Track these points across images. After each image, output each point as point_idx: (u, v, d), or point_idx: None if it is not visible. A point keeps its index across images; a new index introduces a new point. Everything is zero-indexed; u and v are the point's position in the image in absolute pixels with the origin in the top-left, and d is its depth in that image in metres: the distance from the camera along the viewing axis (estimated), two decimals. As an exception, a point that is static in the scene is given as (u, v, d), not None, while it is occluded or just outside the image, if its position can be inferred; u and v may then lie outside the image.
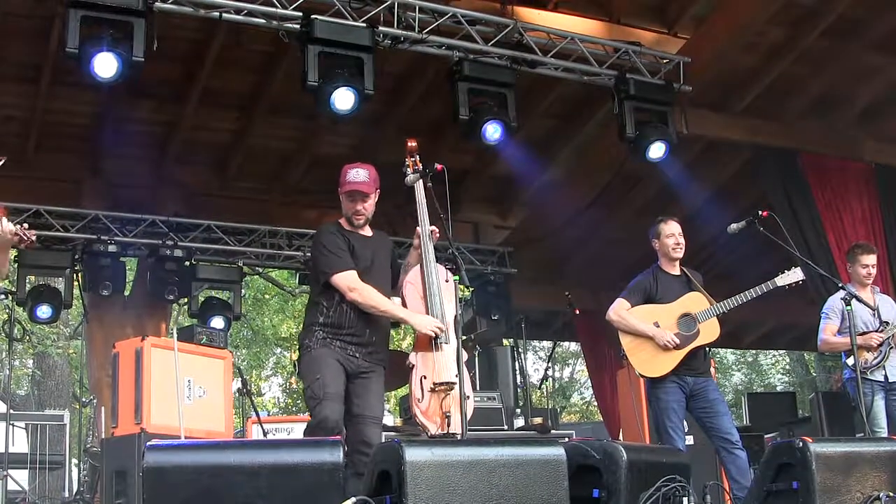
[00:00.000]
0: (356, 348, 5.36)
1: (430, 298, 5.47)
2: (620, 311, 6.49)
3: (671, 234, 6.57)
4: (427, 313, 5.45)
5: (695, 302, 6.47)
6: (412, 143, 5.68)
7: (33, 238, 4.78)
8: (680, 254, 6.59)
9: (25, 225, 4.77)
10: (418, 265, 5.58)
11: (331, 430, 5.01)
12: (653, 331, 6.37)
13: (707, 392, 6.41)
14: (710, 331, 6.41)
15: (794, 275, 6.52)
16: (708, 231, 10.62)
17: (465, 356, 5.37)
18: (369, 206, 5.58)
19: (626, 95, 9.06)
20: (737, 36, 9.32)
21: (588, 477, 4.78)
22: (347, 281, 5.29)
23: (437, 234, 5.62)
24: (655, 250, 6.67)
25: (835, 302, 7.33)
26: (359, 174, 5.52)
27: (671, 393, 6.36)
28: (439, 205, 5.52)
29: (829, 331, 7.40)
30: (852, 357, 6.76)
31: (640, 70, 9.24)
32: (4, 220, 4.69)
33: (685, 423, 6.53)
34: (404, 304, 5.56)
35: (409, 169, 5.64)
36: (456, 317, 5.49)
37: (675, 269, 6.62)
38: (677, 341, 6.32)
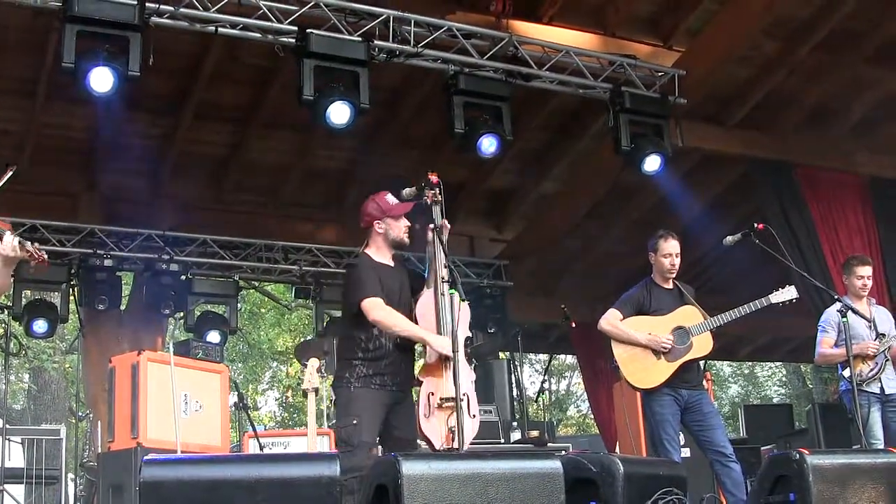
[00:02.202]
0: (392, 380, 5.49)
1: (442, 318, 5.51)
2: (613, 320, 6.49)
3: (668, 253, 6.54)
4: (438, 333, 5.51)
5: (688, 315, 6.46)
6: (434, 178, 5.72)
7: (46, 259, 4.68)
8: (674, 274, 6.58)
9: (37, 244, 4.68)
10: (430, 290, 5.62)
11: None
12: (646, 338, 6.36)
13: (701, 405, 6.40)
14: (703, 344, 6.41)
15: (788, 293, 6.51)
16: (703, 243, 10.63)
17: (472, 376, 5.49)
18: None
19: (621, 108, 9.08)
20: (731, 49, 9.35)
21: (585, 490, 4.78)
22: (373, 303, 5.41)
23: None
24: (650, 262, 6.68)
25: (831, 314, 7.33)
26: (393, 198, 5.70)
27: (666, 405, 6.35)
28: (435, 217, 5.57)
29: (825, 344, 7.40)
30: (848, 369, 6.76)
31: (636, 83, 9.27)
32: (16, 237, 4.61)
33: (682, 435, 6.53)
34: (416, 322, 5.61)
35: (427, 199, 5.67)
36: (467, 339, 5.58)
37: (669, 283, 6.62)
38: (672, 339, 6.31)
